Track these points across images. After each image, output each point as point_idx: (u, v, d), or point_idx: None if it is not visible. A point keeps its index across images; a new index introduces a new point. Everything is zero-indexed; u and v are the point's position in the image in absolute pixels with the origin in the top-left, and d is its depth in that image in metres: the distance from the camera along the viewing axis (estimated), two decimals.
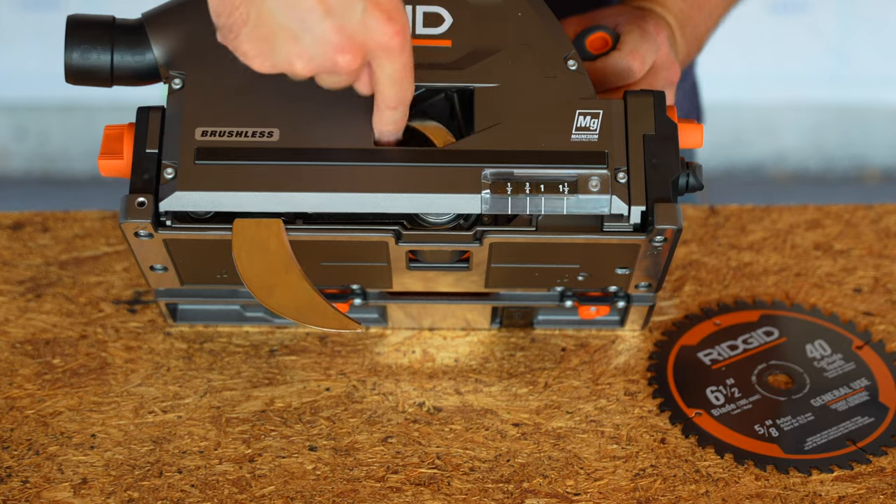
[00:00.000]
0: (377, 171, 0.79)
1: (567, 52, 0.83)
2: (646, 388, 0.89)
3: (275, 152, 0.79)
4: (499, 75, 0.82)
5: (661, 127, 0.82)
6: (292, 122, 0.80)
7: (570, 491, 0.81)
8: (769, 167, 2.74)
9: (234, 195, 0.79)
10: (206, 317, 0.94)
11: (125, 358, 0.92)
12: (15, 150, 2.86)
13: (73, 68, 0.82)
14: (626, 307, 0.90)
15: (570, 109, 0.82)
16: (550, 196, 0.80)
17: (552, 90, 0.82)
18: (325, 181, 0.79)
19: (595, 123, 0.82)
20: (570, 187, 0.80)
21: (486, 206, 0.79)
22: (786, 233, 1.03)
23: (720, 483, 0.82)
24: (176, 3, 0.82)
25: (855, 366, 0.91)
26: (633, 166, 0.81)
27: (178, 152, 0.79)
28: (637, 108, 0.82)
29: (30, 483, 0.82)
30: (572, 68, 0.82)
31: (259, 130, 0.80)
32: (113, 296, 0.97)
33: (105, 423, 0.87)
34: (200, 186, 0.79)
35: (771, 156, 2.75)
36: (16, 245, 1.02)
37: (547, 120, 0.81)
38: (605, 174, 0.80)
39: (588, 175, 0.80)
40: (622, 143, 0.81)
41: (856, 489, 0.82)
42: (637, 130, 0.82)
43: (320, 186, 0.79)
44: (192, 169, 0.79)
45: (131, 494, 0.81)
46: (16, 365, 0.91)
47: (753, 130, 2.74)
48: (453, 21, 0.83)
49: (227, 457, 0.84)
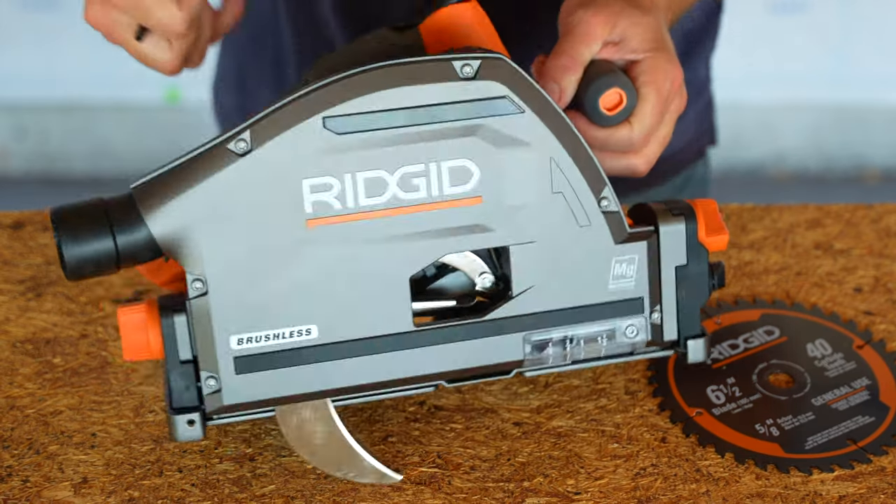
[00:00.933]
0: (420, 352, 0.80)
1: (601, 191, 0.80)
2: (646, 387, 0.89)
3: (316, 350, 0.78)
4: (533, 230, 0.79)
5: (691, 255, 0.83)
6: (329, 315, 0.78)
7: (570, 490, 0.81)
8: (769, 167, 2.74)
9: (281, 398, 0.79)
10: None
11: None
12: (15, 150, 2.86)
13: (75, 264, 0.74)
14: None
15: (606, 259, 0.81)
16: (589, 345, 0.83)
17: (588, 241, 0.80)
18: (369, 371, 0.79)
19: (631, 269, 0.82)
20: (608, 335, 0.82)
21: (527, 365, 0.82)
22: (786, 232, 1.04)
23: (721, 482, 0.82)
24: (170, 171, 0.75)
25: (855, 365, 0.91)
26: (665, 304, 0.83)
27: (216, 363, 0.77)
28: (670, 240, 0.82)
29: (30, 482, 0.82)
30: (606, 209, 0.80)
31: (296, 329, 0.78)
32: (113, 295, 0.97)
33: (105, 422, 0.87)
34: (246, 397, 0.78)
35: (771, 156, 2.75)
36: (16, 244, 1.02)
37: (584, 273, 0.81)
38: (642, 321, 0.83)
39: (625, 325, 0.83)
40: (656, 280, 0.82)
41: (856, 489, 0.82)
42: (669, 263, 0.82)
43: (366, 376, 0.80)
44: (234, 381, 0.77)
45: (132, 493, 0.81)
46: (16, 364, 0.91)
47: (753, 130, 2.74)
48: (481, 174, 0.78)
49: (227, 456, 0.84)
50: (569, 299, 0.81)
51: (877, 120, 2.73)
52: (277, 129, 0.74)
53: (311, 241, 0.76)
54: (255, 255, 0.75)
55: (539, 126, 0.77)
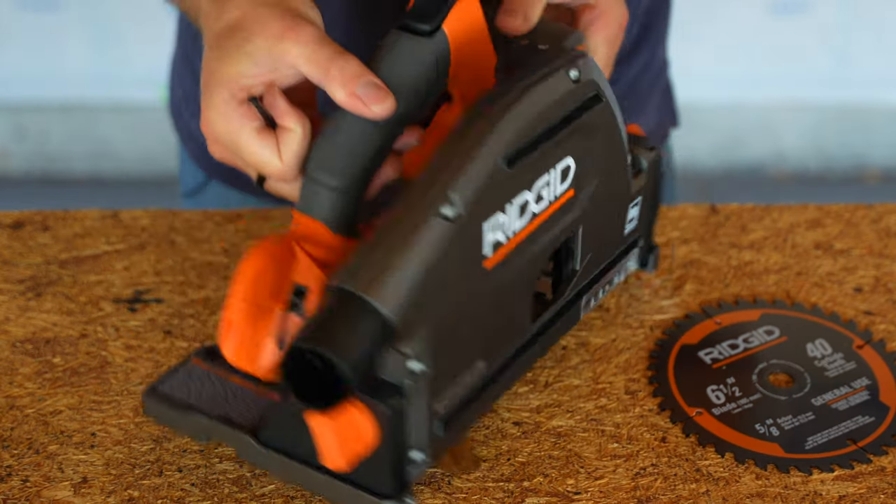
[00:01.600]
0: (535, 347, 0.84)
1: (629, 151, 0.86)
2: (646, 386, 0.89)
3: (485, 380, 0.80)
4: (595, 206, 0.83)
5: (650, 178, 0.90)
6: (491, 344, 0.79)
7: (570, 490, 0.81)
8: (769, 167, 2.74)
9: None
10: None
11: (125, 357, 0.92)
12: (15, 150, 2.86)
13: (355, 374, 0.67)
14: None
15: (627, 209, 0.87)
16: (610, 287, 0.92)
17: (623, 200, 0.87)
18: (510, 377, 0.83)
19: (635, 211, 0.89)
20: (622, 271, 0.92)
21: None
22: (786, 232, 1.04)
23: (721, 482, 0.82)
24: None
25: (856, 365, 0.91)
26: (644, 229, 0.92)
27: (427, 435, 0.73)
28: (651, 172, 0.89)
29: (30, 482, 0.82)
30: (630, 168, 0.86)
31: (474, 370, 0.77)
32: (113, 294, 0.97)
33: (105, 421, 0.87)
34: (442, 451, 0.78)
35: (771, 156, 2.75)
36: (16, 244, 1.02)
37: (617, 229, 0.89)
38: (637, 251, 0.93)
39: (630, 259, 0.93)
40: (645, 213, 0.91)
41: (856, 489, 0.82)
42: (647, 196, 0.91)
43: (508, 384, 0.84)
44: (439, 443, 0.76)
45: (132, 493, 0.81)
46: (16, 364, 0.91)
47: (753, 130, 2.74)
48: (576, 168, 0.79)
49: (227, 455, 0.84)
50: (608, 256, 0.88)
51: (877, 120, 2.73)
52: (472, 181, 0.71)
53: (489, 281, 0.75)
54: (455, 313, 0.72)
55: (609, 111, 0.80)
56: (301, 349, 0.66)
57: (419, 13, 0.77)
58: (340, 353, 0.65)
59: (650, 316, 0.95)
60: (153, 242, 1.02)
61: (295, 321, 0.72)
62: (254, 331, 0.71)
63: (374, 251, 0.68)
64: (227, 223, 1.04)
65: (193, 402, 0.79)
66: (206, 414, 0.78)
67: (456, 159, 0.70)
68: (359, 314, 0.67)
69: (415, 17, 0.77)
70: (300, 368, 0.66)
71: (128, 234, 1.03)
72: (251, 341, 0.71)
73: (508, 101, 0.74)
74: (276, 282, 0.71)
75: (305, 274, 0.72)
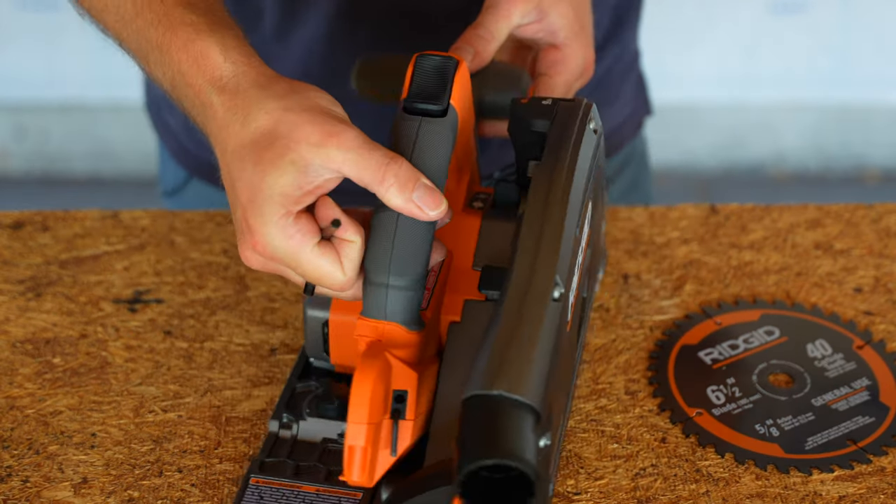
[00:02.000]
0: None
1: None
2: (646, 387, 0.89)
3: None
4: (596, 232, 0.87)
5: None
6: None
7: (570, 490, 0.81)
8: (769, 167, 2.74)
9: None
10: None
11: (125, 357, 0.92)
12: (15, 150, 2.86)
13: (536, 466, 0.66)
14: None
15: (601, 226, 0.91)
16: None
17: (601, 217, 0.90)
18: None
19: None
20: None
21: None
22: (786, 232, 1.03)
23: (720, 482, 0.82)
24: None
25: (856, 365, 0.91)
26: None
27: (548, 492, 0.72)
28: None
29: (30, 482, 0.82)
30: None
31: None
32: (113, 295, 0.97)
33: (105, 422, 0.87)
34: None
35: (771, 156, 2.75)
36: (16, 244, 1.02)
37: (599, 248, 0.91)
38: None
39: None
40: None
41: (856, 489, 0.82)
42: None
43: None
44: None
45: (131, 494, 0.81)
46: (16, 364, 0.91)
47: (753, 130, 2.74)
48: (591, 209, 0.81)
49: (227, 456, 0.84)
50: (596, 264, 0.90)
51: (877, 120, 2.73)
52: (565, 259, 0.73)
53: (571, 341, 0.77)
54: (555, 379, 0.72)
55: (601, 147, 0.83)
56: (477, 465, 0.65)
57: (425, 94, 0.77)
58: (519, 456, 0.64)
59: (650, 316, 0.95)
60: (153, 243, 1.02)
61: (403, 425, 0.75)
62: (374, 449, 0.73)
63: (508, 349, 0.69)
64: (227, 223, 1.04)
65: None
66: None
67: (547, 245, 0.72)
68: (516, 414, 0.67)
69: (422, 98, 0.77)
70: (475, 484, 0.66)
71: (128, 234, 1.03)
72: (372, 459, 0.73)
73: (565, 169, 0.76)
74: (382, 395, 0.73)
75: (403, 379, 0.74)
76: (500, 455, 0.64)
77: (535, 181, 0.76)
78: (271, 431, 0.83)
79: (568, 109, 0.80)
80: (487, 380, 0.67)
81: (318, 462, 0.81)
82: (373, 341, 0.75)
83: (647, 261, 1.00)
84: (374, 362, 0.73)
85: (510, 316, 0.70)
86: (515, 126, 0.81)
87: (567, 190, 0.75)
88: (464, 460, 0.64)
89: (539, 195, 0.75)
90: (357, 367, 0.72)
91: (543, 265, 0.72)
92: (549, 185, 0.75)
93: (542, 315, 0.70)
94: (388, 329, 0.75)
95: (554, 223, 0.73)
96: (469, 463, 0.64)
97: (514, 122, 0.81)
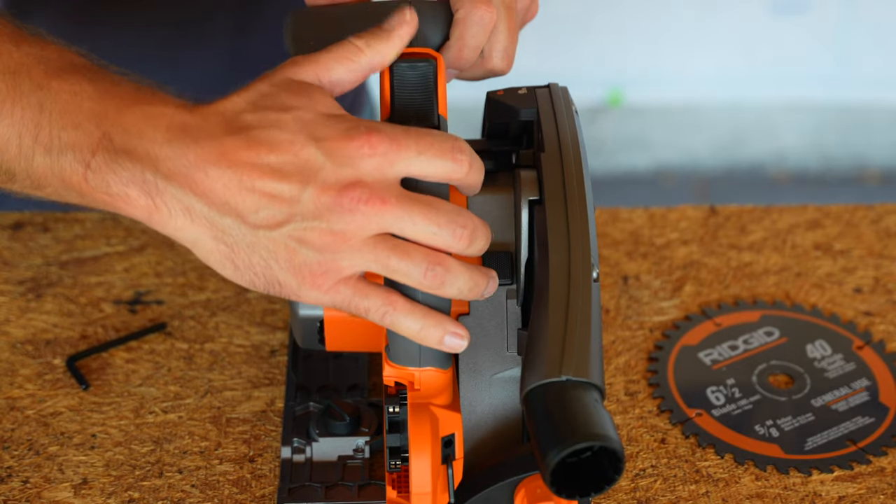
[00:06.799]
0: None
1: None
2: (646, 388, 0.89)
3: None
4: None
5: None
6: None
7: None
8: (769, 167, 2.74)
9: None
10: None
11: (126, 358, 0.92)
12: None
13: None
14: None
15: None
16: None
17: None
18: None
19: None
20: None
21: None
22: (786, 233, 1.04)
23: (720, 483, 0.82)
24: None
25: (855, 366, 0.91)
26: None
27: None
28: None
29: (30, 483, 0.82)
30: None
31: None
32: (113, 296, 0.97)
33: (105, 423, 0.87)
34: None
35: (771, 156, 2.74)
36: (16, 245, 1.02)
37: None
38: None
39: None
40: None
41: (856, 489, 0.82)
42: None
43: None
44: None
45: (132, 494, 0.81)
46: (16, 365, 0.91)
47: (753, 130, 2.74)
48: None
49: (227, 457, 0.84)
50: None
51: (877, 120, 2.73)
52: (592, 240, 0.73)
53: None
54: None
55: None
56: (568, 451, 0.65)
57: (411, 114, 0.75)
58: (606, 436, 0.65)
59: (650, 317, 0.95)
60: (153, 244, 1.02)
61: (455, 467, 0.75)
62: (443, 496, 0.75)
63: (565, 335, 0.69)
64: None
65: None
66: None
67: (576, 231, 0.73)
68: (588, 396, 0.67)
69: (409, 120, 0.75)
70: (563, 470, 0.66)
71: (128, 235, 1.03)
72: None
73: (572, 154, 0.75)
74: (438, 454, 0.74)
75: (448, 425, 0.74)
76: (588, 438, 0.64)
77: (547, 169, 0.76)
78: (284, 458, 0.83)
79: (548, 95, 0.79)
80: (553, 368, 0.67)
81: (343, 481, 0.81)
82: (411, 393, 0.74)
83: (646, 262, 1.00)
84: (424, 429, 0.73)
85: (559, 303, 0.70)
86: (498, 118, 0.80)
87: (580, 174, 0.75)
88: (551, 449, 0.64)
89: (556, 183, 0.75)
90: (410, 438, 0.72)
91: (578, 249, 0.72)
92: (562, 174, 0.75)
93: (589, 297, 0.70)
94: (423, 376, 0.74)
95: (577, 208, 0.73)
96: (559, 450, 0.64)
97: (496, 114, 0.80)
